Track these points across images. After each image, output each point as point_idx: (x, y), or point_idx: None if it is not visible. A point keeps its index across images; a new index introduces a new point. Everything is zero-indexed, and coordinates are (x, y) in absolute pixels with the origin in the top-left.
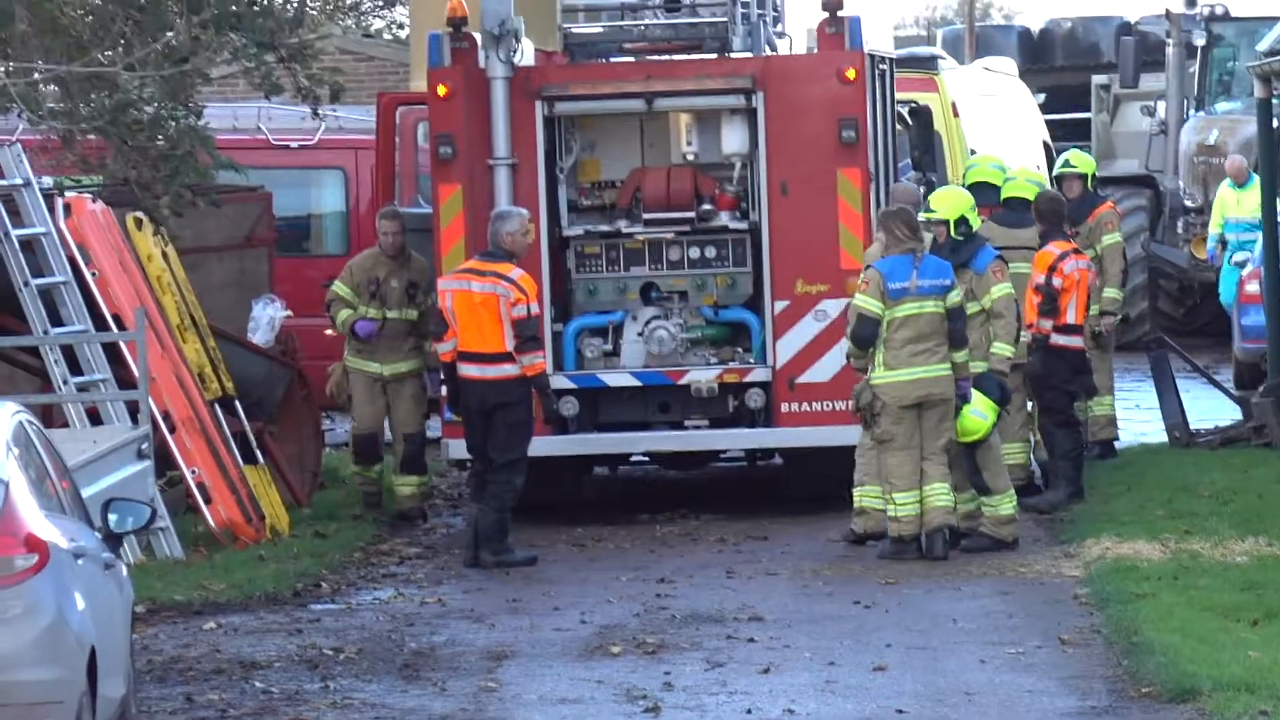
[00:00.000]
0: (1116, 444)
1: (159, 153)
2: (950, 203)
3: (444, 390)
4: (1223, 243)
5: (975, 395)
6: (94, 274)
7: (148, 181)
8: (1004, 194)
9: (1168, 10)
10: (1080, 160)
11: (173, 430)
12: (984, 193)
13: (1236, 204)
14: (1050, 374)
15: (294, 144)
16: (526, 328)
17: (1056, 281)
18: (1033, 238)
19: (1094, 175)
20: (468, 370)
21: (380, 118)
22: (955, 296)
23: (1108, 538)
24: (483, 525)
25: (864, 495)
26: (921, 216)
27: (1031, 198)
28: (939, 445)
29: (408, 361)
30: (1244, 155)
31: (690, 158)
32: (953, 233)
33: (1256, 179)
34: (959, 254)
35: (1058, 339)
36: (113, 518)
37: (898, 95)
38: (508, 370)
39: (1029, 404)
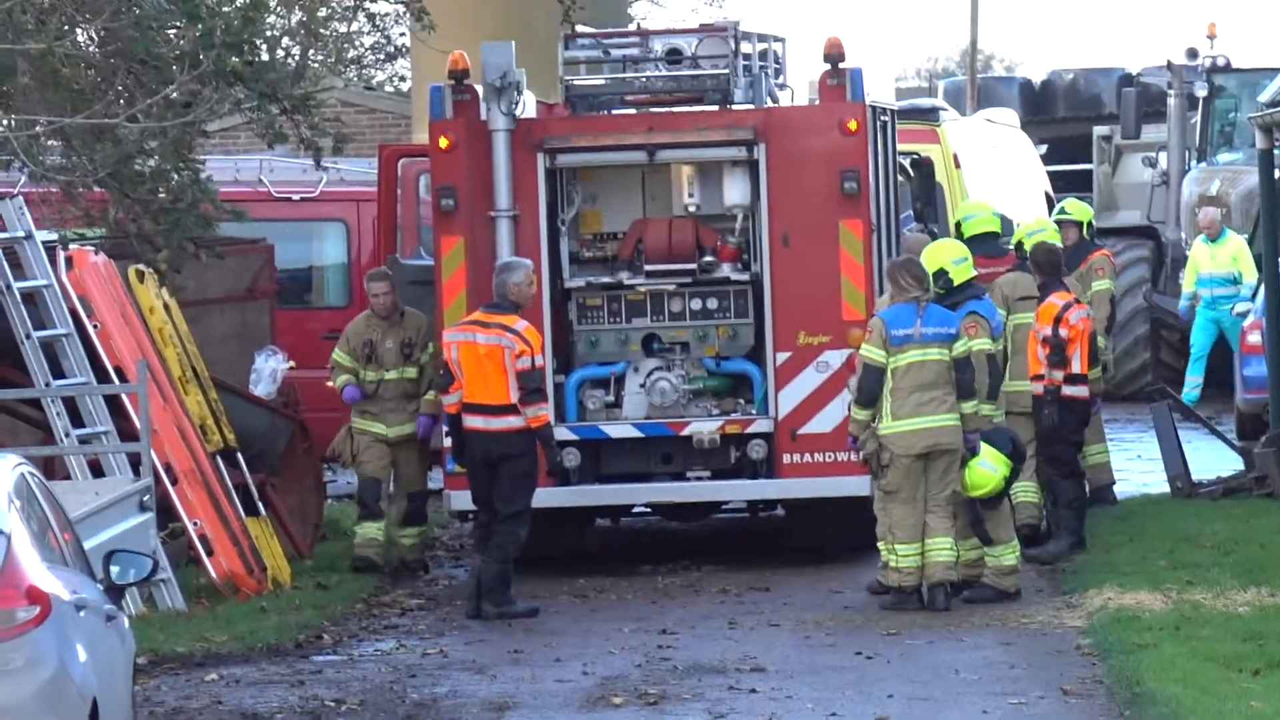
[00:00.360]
0: (1115, 488)
1: (161, 205)
2: (930, 255)
3: (447, 441)
4: (1195, 298)
5: (984, 448)
6: (96, 326)
7: (149, 234)
8: (1031, 247)
9: (1169, 61)
10: (1076, 208)
11: (175, 482)
12: (983, 243)
13: (1210, 259)
14: (1060, 425)
15: (295, 196)
16: (531, 379)
17: (1063, 332)
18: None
19: (1090, 224)
20: (473, 422)
21: (382, 170)
22: (961, 347)
23: (1110, 588)
24: (485, 576)
25: None
26: None
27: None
28: (943, 497)
29: (412, 423)
30: (1246, 205)
31: (692, 209)
32: (932, 285)
33: (1229, 234)
34: (946, 304)
35: (1067, 390)
36: (115, 569)
37: (899, 147)
38: (512, 422)
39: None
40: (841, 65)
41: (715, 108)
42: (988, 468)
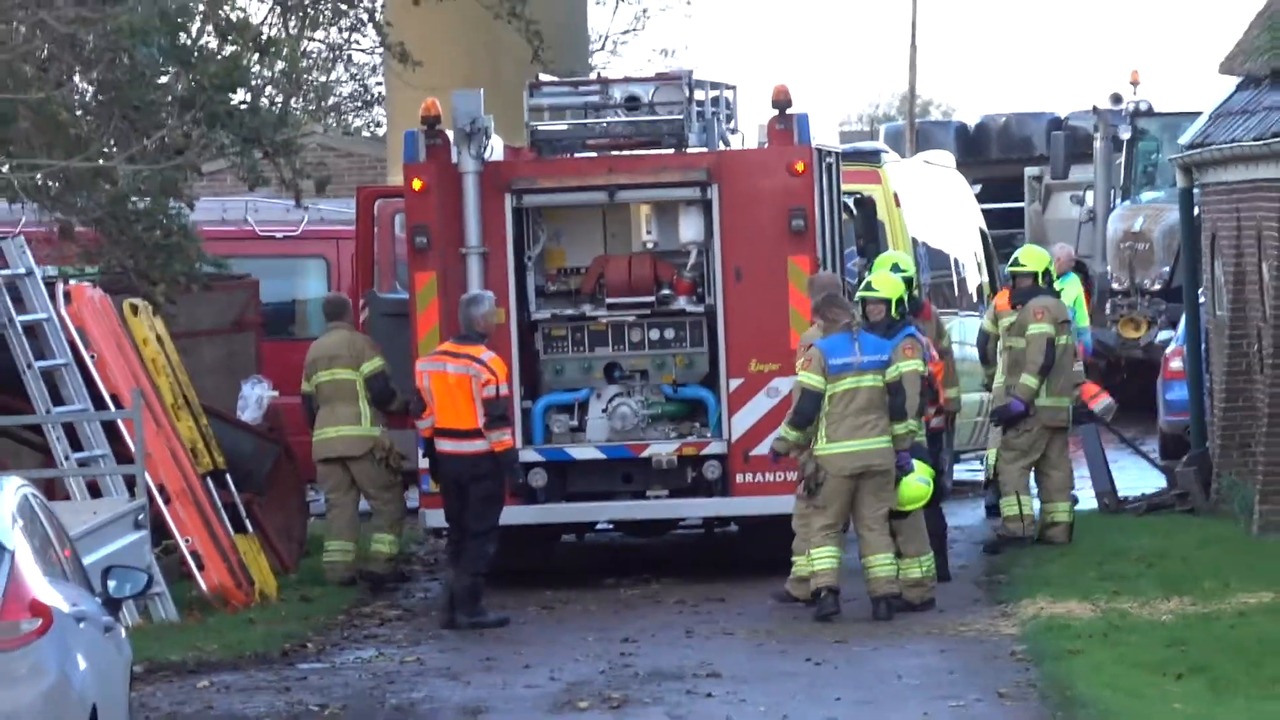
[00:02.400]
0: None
1: (155, 242)
2: (893, 285)
3: (424, 463)
4: None
5: (915, 464)
6: (93, 356)
7: (145, 269)
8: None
9: (1095, 106)
10: (1031, 258)
11: (168, 502)
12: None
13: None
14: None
15: (279, 235)
16: (495, 407)
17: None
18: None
19: (1048, 270)
20: (444, 445)
21: (360, 210)
22: (893, 372)
23: (1042, 598)
24: (457, 589)
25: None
26: (860, 294)
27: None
28: (878, 514)
29: None
30: (1168, 240)
31: (650, 246)
32: (892, 312)
33: (1073, 276)
34: (892, 331)
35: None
36: (112, 584)
37: (844, 187)
38: (479, 446)
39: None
40: (789, 111)
41: (671, 151)
42: (922, 481)
